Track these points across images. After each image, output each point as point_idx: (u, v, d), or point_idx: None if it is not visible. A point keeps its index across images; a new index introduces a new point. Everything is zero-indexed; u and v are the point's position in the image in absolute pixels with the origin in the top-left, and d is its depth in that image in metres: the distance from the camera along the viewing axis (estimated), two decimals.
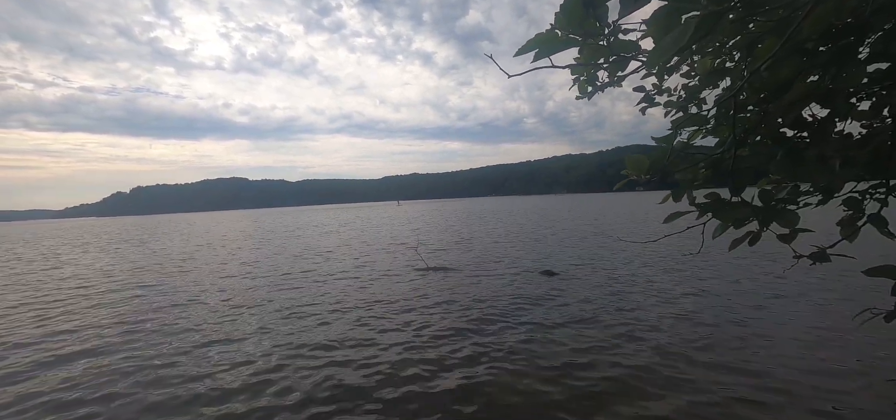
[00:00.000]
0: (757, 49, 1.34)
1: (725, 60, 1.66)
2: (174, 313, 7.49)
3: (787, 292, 6.98)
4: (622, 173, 1.45)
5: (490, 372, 4.46)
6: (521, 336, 5.49)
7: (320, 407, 3.92)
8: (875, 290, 6.68)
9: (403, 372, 4.56)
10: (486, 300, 7.40)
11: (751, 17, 1.36)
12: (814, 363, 4.31)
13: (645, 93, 2.31)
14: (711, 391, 3.85)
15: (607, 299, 7.11)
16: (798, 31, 1.00)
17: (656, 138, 1.46)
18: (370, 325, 6.30)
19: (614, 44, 1.09)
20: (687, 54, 1.82)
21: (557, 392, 3.97)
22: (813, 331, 5.20)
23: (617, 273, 9.32)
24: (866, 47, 1.27)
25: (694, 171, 1.51)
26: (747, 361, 4.42)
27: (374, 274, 10.64)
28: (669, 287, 7.79)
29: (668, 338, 5.17)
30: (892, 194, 1.37)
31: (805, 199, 1.43)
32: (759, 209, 1.39)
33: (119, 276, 12.39)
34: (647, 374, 4.26)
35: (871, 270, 1.38)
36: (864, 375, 4.01)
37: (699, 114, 1.70)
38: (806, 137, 1.32)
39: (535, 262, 11.37)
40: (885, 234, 1.44)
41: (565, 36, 0.99)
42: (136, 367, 5.00)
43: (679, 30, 0.78)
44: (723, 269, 9.01)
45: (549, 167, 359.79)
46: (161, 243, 24.14)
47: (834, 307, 6.07)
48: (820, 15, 0.95)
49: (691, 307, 6.42)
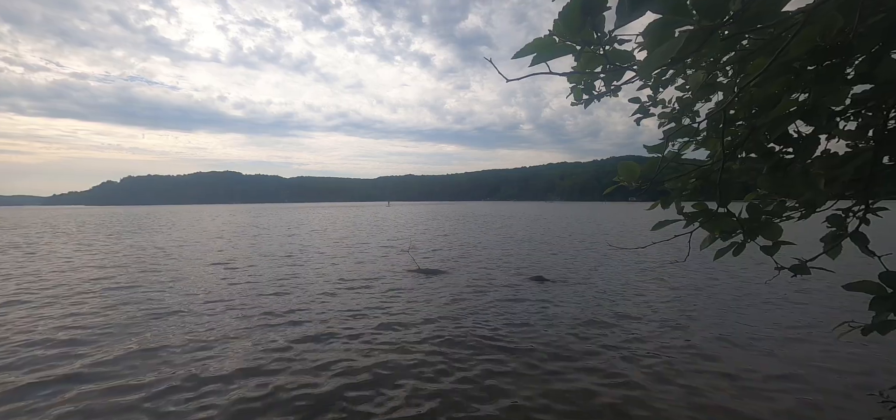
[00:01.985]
0: (749, 66, 1.38)
1: (718, 75, 1.71)
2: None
3: (768, 303, 7.10)
4: (614, 180, 1.48)
5: (471, 375, 4.47)
6: (507, 342, 5.51)
7: (295, 413, 3.90)
8: (856, 307, 6.82)
9: (385, 373, 4.56)
10: (475, 304, 7.42)
11: (743, 35, 1.40)
12: (791, 371, 4.39)
13: (640, 104, 2.36)
14: (691, 395, 3.91)
15: (595, 306, 7.17)
16: (786, 51, 1.04)
17: (648, 147, 1.50)
18: (352, 324, 6.29)
19: (610, 53, 1.12)
20: (681, 68, 1.86)
21: (541, 399, 4.00)
22: (792, 340, 5.30)
23: (606, 280, 9.40)
24: (852, 69, 1.31)
25: (684, 181, 1.54)
26: (727, 370, 4.48)
27: (364, 274, 10.61)
28: (655, 293, 7.89)
29: (652, 345, 5.23)
30: (871, 213, 1.42)
31: (788, 213, 1.47)
32: (744, 221, 1.43)
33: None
34: (630, 380, 4.30)
35: (851, 285, 1.42)
36: (843, 387, 4.09)
37: (691, 125, 1.74)
38: (791, 153, 1.36)
39: (526, 267, 11.42)
40: (865, 253, 1.48)
41: (563, 42, 1.01)
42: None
43: (670, 43, 0.81)
44: (706, 278, 9.13)
45: (544, 174, 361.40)
46: (143, 238, 23.79)
47: (813, 320, 6.18)
48: (807, 35, 0.98)
49: (673, 313, 6.50)
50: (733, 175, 1.66)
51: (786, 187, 1.41)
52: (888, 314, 1.31)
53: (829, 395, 3.98)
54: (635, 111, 2.38)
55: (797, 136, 1.33)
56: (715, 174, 1.50)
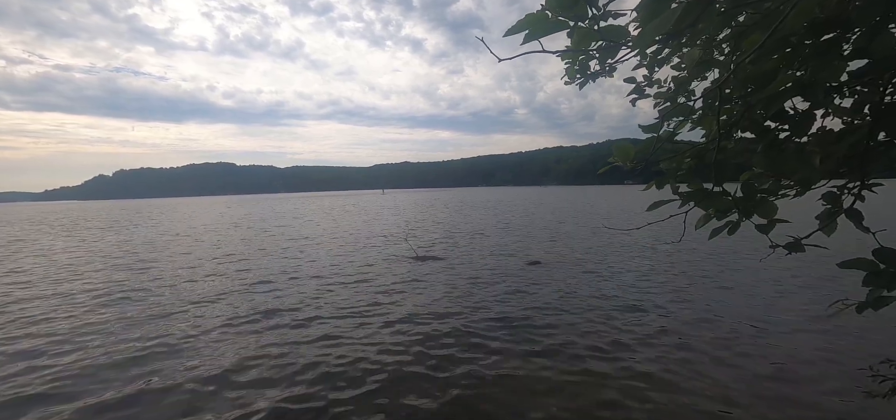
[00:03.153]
0: (745, 42, 1.35)
1: (714, 52, 1.68)
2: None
3: (762, 281, 7.18)
4: (608, 160, 1.46)
5: (470, 360, 4.52)
6: (502, 325, 5.56)
7: (302, 398, 3.93)
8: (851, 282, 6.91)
9: (384, 360, 4.60)
10: (472, 288, 7.46)
11: (739, 10, 1.37)
12: (787, 348, 4.46)
13: (636, 84, 2.32)
14: (680, 378, 3.97)
15: (589, 288, 7.23)
16: (784, 24, 1.01)
17: (643, 127, 1.47)
18: (354, 315, 6.31)
19: (604, 29, 1.09)
20: (677, 46, 1.83)
21: (535, 379, 4.05)
22: (787, 318, 5.36)
23: (600, 262, 9.47)
24: (849, 44, 1.29)
25: (679, 161, 1.53)
26: (721, 348, 4.55)
27: (365, 262, 10.63)
28: (649, 275, 7.96)
29: (644, 327, 5.29)
30: (866, 189, 1.41)
31: (783, 191, 1.46)
32: (740, 200, 1.41)
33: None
34: (621, 361, 4.36)
35: (845, 263, 1.42)
36: (834, 362, 4.16)
37: (686, 104, 1.72)
38: (787, 130, 1.34)
39: (522, 251, 11.47)
40: (860, 229, 1.48)
41: (556, 18, 0.99)
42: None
43: (664, 16, 0.79)
44: (701, 258, 9.21)
45: (539, 158, 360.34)
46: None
47: (807, 297, 6.26)
48: (805, 7, 0.96)
49: (667, 295, 6.57)
50: (728, 155, 1.64)
51: (780, 165, 1.40)
52: (882, 290, 1.32)
53: (819, 371, 4.05)
54: (631, 91, 2.34)
55: (793, 113, 1.31)
56: (710, 154, 1.48)
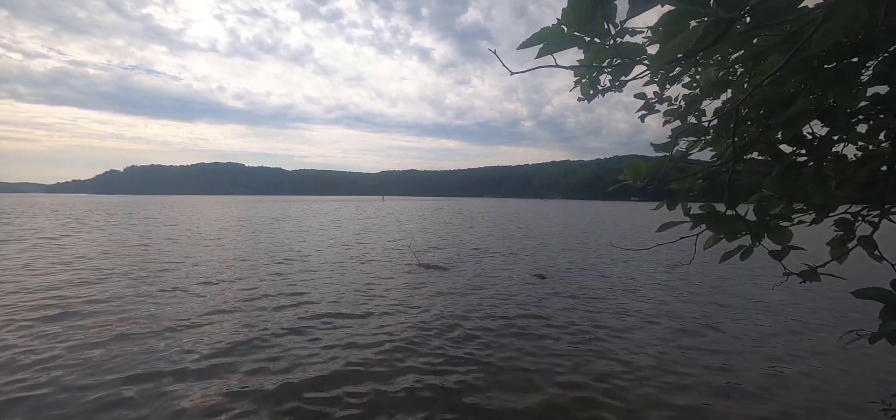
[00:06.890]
0: (762, 63, 1.33)
1: (729, 73, 1.66)
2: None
3: (773, 309, 7.04)
4: (619, 178, 1.44)
5: (470, 374, 4.46)
6: (506, 339, 5.49)
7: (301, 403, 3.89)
8: (864, 311, 6.77)
9: (386, 369, 4.55)
10: (476, 301, 7.39)
11: (757, 31, 1.35)
12: (798, 380, 4.35)
13: (645, 100, 2.30)
14: (684, 401, 3.88)
15: (594, 307, 7.13)
16: (806, 47, 0.99)
17: (655, 145, 1.45)
18: (354, 323, 6.28)
19: (620, 46, 1.07)
20: (691, 64, 1.81)
21: (534, 398, 3.98)
22: (797, 350, 5.25)
23: (606, 280, 9.36)
24: (869, 69, 1.26)
25: (691, 181, 1.50)
26: (727, 377, 4.45)
27: (367, 268, 10.61)
28: (655, 297, 7.84)
29: (646, 348, 5.20)
30: (885, 218, 1.37)
31: (799, 216, 1.43)
32: (752, 224, 1.38)
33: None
34: (621, 383, 4.27)
35: (861, 292, 1.38)
36: (845, 394, 4.06)
37: (699, 124, 1.69)
38: (803, 154, 1.31)
39: (528, 265, 11.39)
40: (873, 257, 1.44)
41: (571, 33, 0.97)
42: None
43: (685, 35, 0.77)
44: (711, 282, 9.08)
45: (546, 171, 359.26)
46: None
47: (820, 327, 6.13)
48: (830, 30, 0.94)
49: (673, 318, 6.46)
50: (740, 177, 1.61)
51: (796, 190, 1.37)
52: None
53: (830, 402, 3.95)
54: (640, 108, 2.32)
55: (811, 137, 1.28)
56: (723, 175, 1.46)
